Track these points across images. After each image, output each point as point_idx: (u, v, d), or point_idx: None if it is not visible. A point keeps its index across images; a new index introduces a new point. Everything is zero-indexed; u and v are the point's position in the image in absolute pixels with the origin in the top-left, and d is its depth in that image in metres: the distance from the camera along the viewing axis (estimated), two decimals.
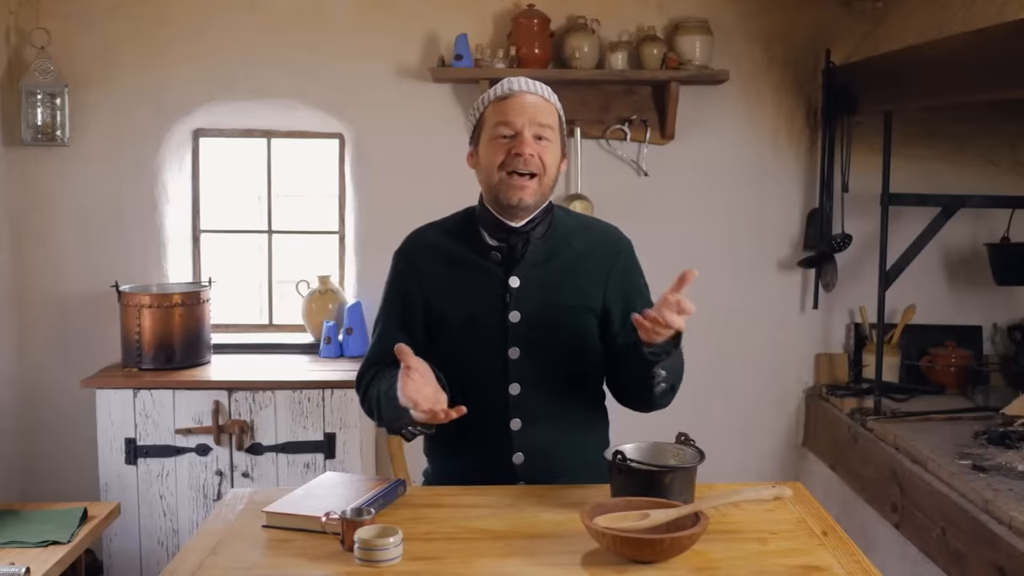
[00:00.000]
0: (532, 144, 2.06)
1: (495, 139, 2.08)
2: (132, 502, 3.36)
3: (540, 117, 2.08)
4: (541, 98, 2.11)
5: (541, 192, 2.10)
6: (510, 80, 2.12)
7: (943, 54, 2.84)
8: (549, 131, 2.09)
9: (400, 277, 2.21)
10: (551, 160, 2.09)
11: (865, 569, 1.66)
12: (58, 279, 3.77)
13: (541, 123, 2.08)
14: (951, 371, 3.72)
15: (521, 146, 2.05)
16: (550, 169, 2.09)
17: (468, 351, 2.13)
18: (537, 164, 2.06)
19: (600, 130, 3.79)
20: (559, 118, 2.15)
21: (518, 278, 2.11)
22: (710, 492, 1.91)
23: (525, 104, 2.08)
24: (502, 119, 2.08)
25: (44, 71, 3.58)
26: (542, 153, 2.07)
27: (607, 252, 2.18)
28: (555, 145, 2.11)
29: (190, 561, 1.71)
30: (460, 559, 1.70)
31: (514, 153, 2.06)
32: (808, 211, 3.86)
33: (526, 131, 2.06)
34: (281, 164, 4.04)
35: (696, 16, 3.68)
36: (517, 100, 2.08)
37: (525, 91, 2.10)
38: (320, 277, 3.83)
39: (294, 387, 3.37)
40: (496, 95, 2.11)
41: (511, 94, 2.09)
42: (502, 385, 2.10)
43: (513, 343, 2.10)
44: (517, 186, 2.06)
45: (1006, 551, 2.42)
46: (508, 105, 2.08)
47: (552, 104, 2.13)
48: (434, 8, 3.73)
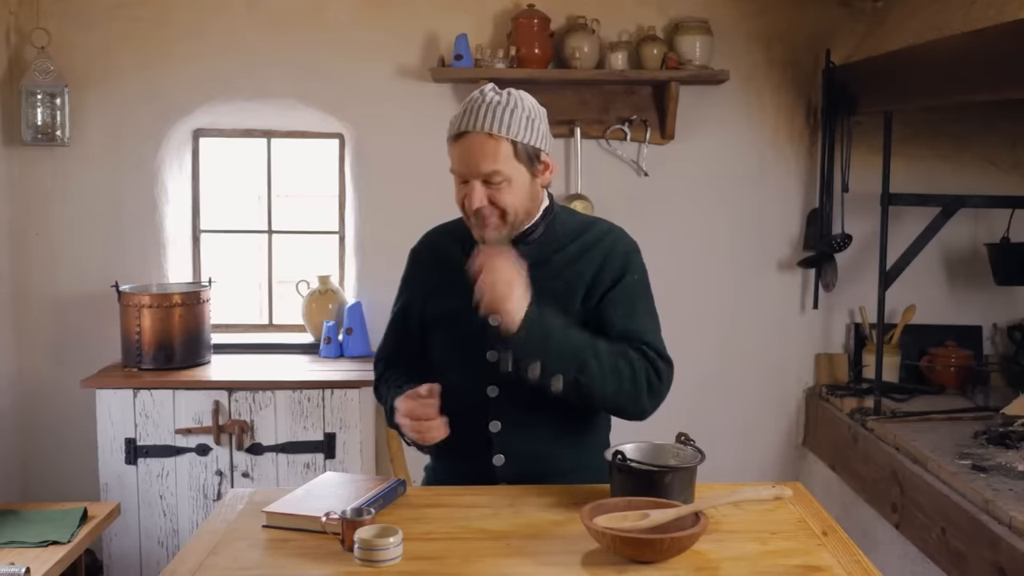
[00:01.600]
0: (480, 194, 2.00)
1: (455, 180, 2.06)
2: (132, 502, 3.36)
3: (484, 165, 1.98)
4: (487, 137, 1.98)
5: (509, 225, 2.05)
6: (464, 110, 2.02)
7: (943, 54, 2.84)
8: (497, 175, 2.00)
9: (407, 277, 2.29)
10: (509, 199, 2.02)
11: (865, 569, 1.66)
12: (58, 279, 3.77)
13: (486, 171, 1.99)
14: (951, 371, 3.72)
15: (470, 198, 2.01)
16: (512, 206, 2.02)
17: (451, 352, 2.16)
18: (490, 210, 2.02)
19: (600, 130, 3.78)
20: (514, 146, 2.00)
21: None
22: (710, 492, 1.91)
23: (469, 151, 1.99)
24: (454, 164, 2.05)
25: (44, 71, 3.58)
26: (495, 197, 2.01)
27: (599, 252, 2.12)
28: (513, 181, 2.01)
29: (190, 561, 1.71)
30: (460, 559, 1.70)
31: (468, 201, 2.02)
32: (808, 211, 3.86)
33: (474, 181, 2.01)
34: (281, 164, 4.04)
35: (696, 16, 3.68)
36: (463, 146, 2.01)
37: (470, 131, 1.99)
38: (320, 277, 3.83)
39: (294, 387, 3.37)
40: (452, 131, 2.04)
41: (460, 134, 2.01)
42: (481, 387, 2.10)
43: (492, 345, 2.08)
44: (480, 226, 2.04)
45: (1006, 551, 2.42)
46: (458, 150, 2.02)
47: (501, 138, 1.98)
48: (434, 8, 3.73)
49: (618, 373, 1.97)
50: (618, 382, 1.97)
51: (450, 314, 2.15)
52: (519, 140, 2.01)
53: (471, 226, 2.07)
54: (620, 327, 2.05)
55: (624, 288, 2.09)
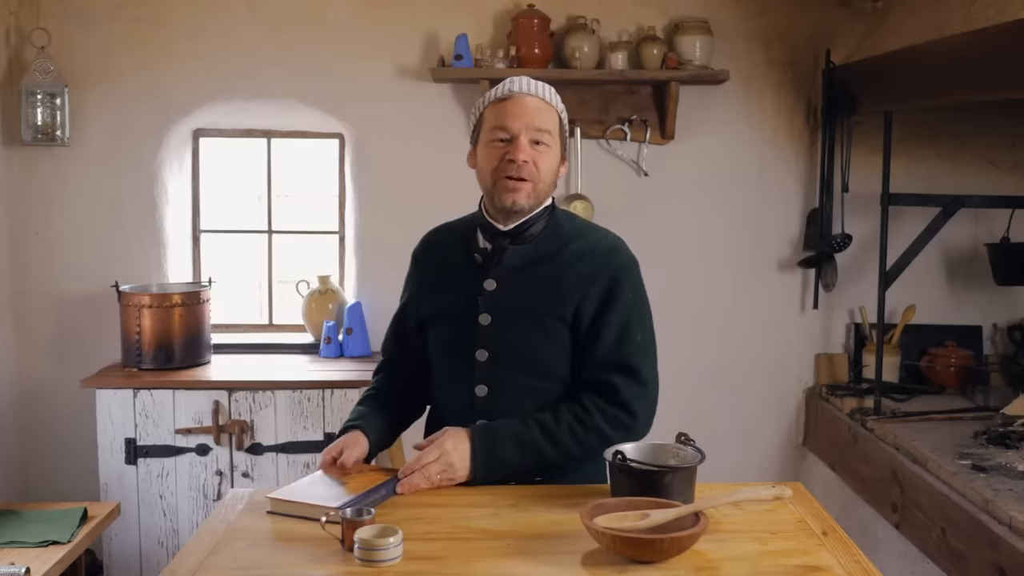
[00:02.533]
0: (527, 150, 2.03)
1: (492, 142, 2.07)
2: (132, 502, 3.36)
3: (537, 122, 2.05)
4: (541, 100, 2.07)
5: (536, 196, 2.07)
6: (511, 80, 2.09)
7: (943, 54, 2.84)
8: (547, 136, 2.05)
9: (408, 277, 2.31)
10: (546, 166, 2.06)
11: (865, 569, 1.66)
12: (58, 279, 3.77)
13: (539, 128, 2.04)
14: (951, 371, 3.72)
15: (515, 152, 2.03)
16: (545, 175, 2.06)
17: (443, 350, 2.18)
18: (531, 170, 2.04)
19: (600, 130, 3.79)
20: (560, 122, 2.11)
21: (494, 281, 2.10)
22: (710, 492, 1.91)
23: (523, 107, 2.05)
24: (499, 122, 2.05)
25: (44, 71, 3.58)
26: (537, 159, 2.04)
27: (594, 262, 2.10)
28: (552, 150, 2.08)
29: (190, 561, 1.70)
30: (460, 559, 1.69)
31: (508, 159, 2.03)
32: (808, 211, 3.86)
33: (522, 136, 2.03)
34: (281, 164, 4.04)
35: (696, 16, 3.68)
36: (516, 103, 2.05)
37: (525, 93, 2.06)
38: (320, 277, 3.83)
39: (294, 387, 3.37)
40: (496, 96, 2.08)
41: (510, 96, 2.06)
42: (469, 387, 2.10)
43: (481, 345, 2.09)
44: (510, 188, 2.05)
45: (1006, 551, 2.42)
46: (506, 108, 2.06)
47: (552, 107, 2.09)
48: (434, 8, 3.73)
49: (582, 444, 2.03)
50: (584, 450, 2.03)
51: (443, 313, 2.16)
52: (563, 118, 2.12)
53: (501, 190, 2.05)
54: (609, 355, 2.07)
55: (619, 309, 2.08)
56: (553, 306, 2.07)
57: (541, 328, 2.08)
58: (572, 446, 2.02)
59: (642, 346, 2.10)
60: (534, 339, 2.08)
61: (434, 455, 1.98)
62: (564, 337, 2.09)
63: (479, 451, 1.99)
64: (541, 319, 2.08)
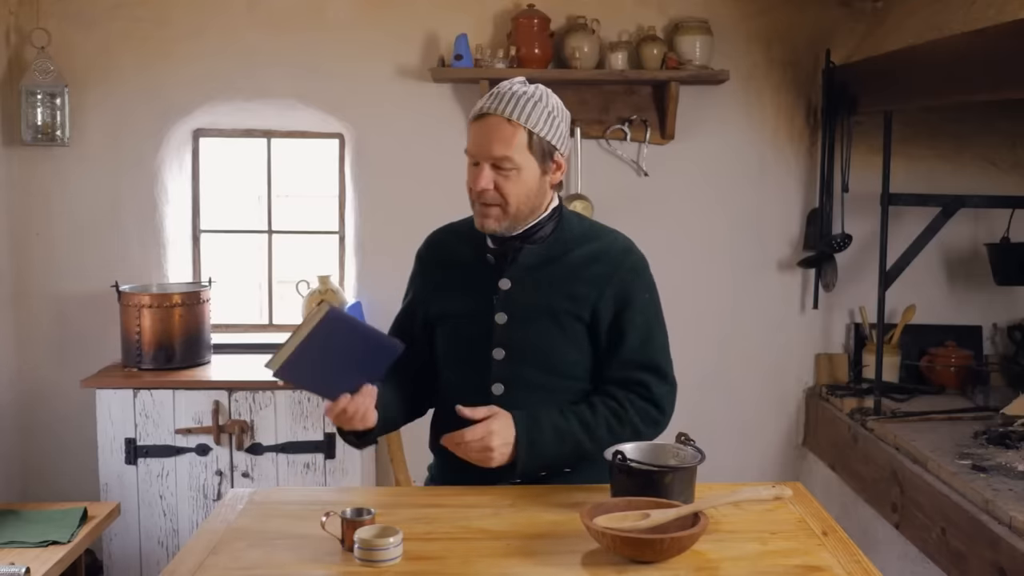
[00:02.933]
0: (487, 176, 2.01)
1: (468, 163, 2.08)
2: (132, 502, 3.36)
3: (497, 148, 1.99)
4: (505, 121, 1.99)
5: (510, 218, 2.05)
6: (491, 92, 2.05)
7: (943, 54, 2.84)
8: (507, 162, 2.00)
9: (413, 277, 2.30)
10: (514, 189, 2.02)
11: (865, 569, 1.66)
12: (58, 279, 3.77)
13: (496, 155, 2.00)
14: (951, 371, 3.72)
15: (475, 180, 2.03)
16: (513, 197, 2.03)
17: (456, 351, 2.16)
18: (493, 196, 2.03)
19: (600, 130, 3.78)
20: (528, 139, 2.01)
21: (509, 280, 2.10)
22: (710, 492, 1.91)
23: (485, 132, 2.01)
24: (468, 145, 2.06)
25: (44, 71, 3.58)
26: (500, 185, 2.02)
27: (608, 263, 2.12)
28: (521, 171, 2.02)
29: (190, 561, 1.71)
30: (460, 559, 1.70)
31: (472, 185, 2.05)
32: (808, 211, 3.86)
33: (483, 163, 2.02)
34: (281, 164, 4.04)
35: (696, 16, 3.68)
36: (481, 126, 2.02)
37: (491, 112, 2.01)
38: (320, 277, 3.82)
39: (294, 387, 3.37)
40: (473, 113, 2.07)
41: (480, 115, 2.03)
42: (486, 385, 2.10)
43: (498, 344, 2.09)
44: (481, 213, 2.06)
45: (1006, 551, 2.42)
46: (473, 130, 2.04)
47: (518, 125, 2.00)
48: (434, 8, 3.73)
49: (617, 438, 2.02)
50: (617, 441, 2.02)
51: (456, 313, 2.16)
52: (535, 131, 2.02)
53: (476, 214, 2.08)
54: (635, 355, 2.11)
55: (641, 309, 2.12)
56: (570, 304, 2.09)
57: (558, 326, 2.09)
58: (607, 440, 2.02)
59: (664, 346, 2.16)
60: (551, 337, 2.10)
61: (478, 435, 1.96)
62: (581, 335, 2.11)
63: (523, 442, 1.99)
64: (558, 317, 2.09)
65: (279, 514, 1.93)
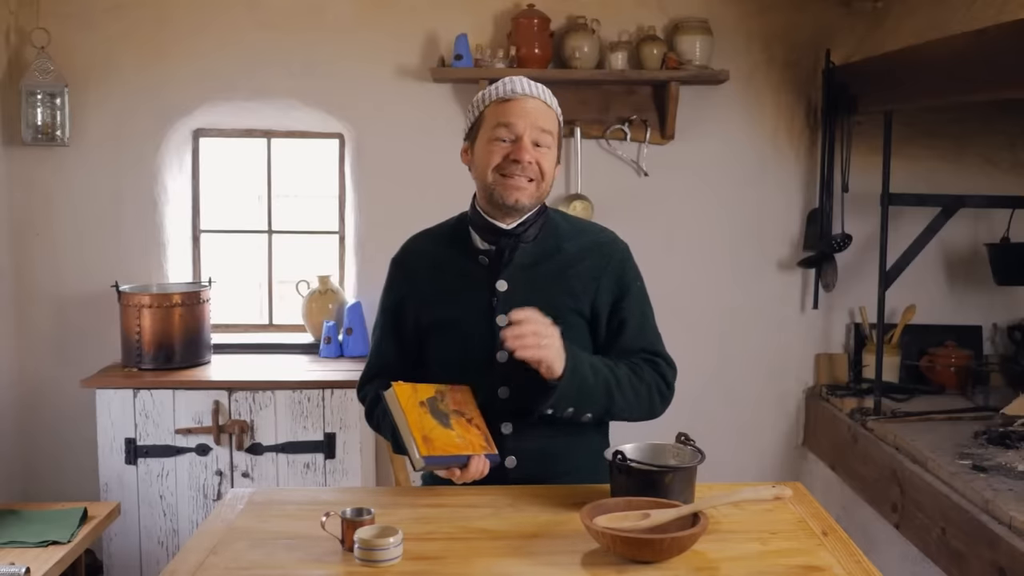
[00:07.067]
0: (531, 150, 2.07)
1: (493, 140, 2.08)
2: (132, 502, 3.36)
3: (541, 122, 2.08)
4: (543, 103, 2.11)
5: (537, 195, 2.11)
6: (512, 80, 2.11)
7: (943, 54, 2.84)
8: (548, 137, 2.09)
9: (393, 286, 2.26)
10: (548, 166, 2.10)
11: (865, 569, 1.66)
12: (58, 279, 3.77)
13: (542, 128, 2.08)
14: (951, 371, 3.72)
15: (520, 152, 2.06)
16: (547, 175, 2.10)
17: (457, 356, 2.14)
18: (535, 170, 2.07)
19: (600, 130, 3.79)
20: (558, 124, 2.15)
21: (506, 281, 2.11)
22: (710, 492, 1.91)
23: (527, 109, 2.08)
24: (503, 121, 2.07)
25: (44, 71, 3.58)
26: (540, 159, 2.08)
27: (599, 256, 2.16)
28: (552, 152, 2.12)
29: (190, 561, 1.71)
30: (460, 559, 1.70)
31: (512, 159, 2.06)
32: (808, 211, 3.86)
33: (526, 137, 2.07)
34: (281, 164, 4.04)
35: (696, 16, 3.68)
36: (519, 104, 2.08)
37: (527, 95, 2.09)
38: (320, 277, 3.83)
39: (294, 387, 3.37)
40: (498, 95, 2.10)
41: (513, 97, 2.08)
42: (492, 389, 2.10)
43: (501, 346, 2.08)
44: (514, 186, 2.07)
45: (1006, 551, 2.42)
46: (510, 108, 2.08)
47: (552, 110, 2.13)
48: (434, 8, 3.73)
49: (638, 396, 2.09)
50: (637, 403, 2.10)
51: (455, 318, 2.14)
52: (560, 122, 2.15)
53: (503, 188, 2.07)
54: (636, 340, 2.15)
55: (634, 297, 2.17)
56: (570, 301, 2.11)
57: (561, 323, 2.07)
58: (628, 391, 2.07)
59: (657, 330, 2.22)
60: None
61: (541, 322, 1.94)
62: (583, 331, 2.13)
63: (570, 356, 1.97)
64: (560, 315, 2.08)
65: (279, 514, 1.93)
